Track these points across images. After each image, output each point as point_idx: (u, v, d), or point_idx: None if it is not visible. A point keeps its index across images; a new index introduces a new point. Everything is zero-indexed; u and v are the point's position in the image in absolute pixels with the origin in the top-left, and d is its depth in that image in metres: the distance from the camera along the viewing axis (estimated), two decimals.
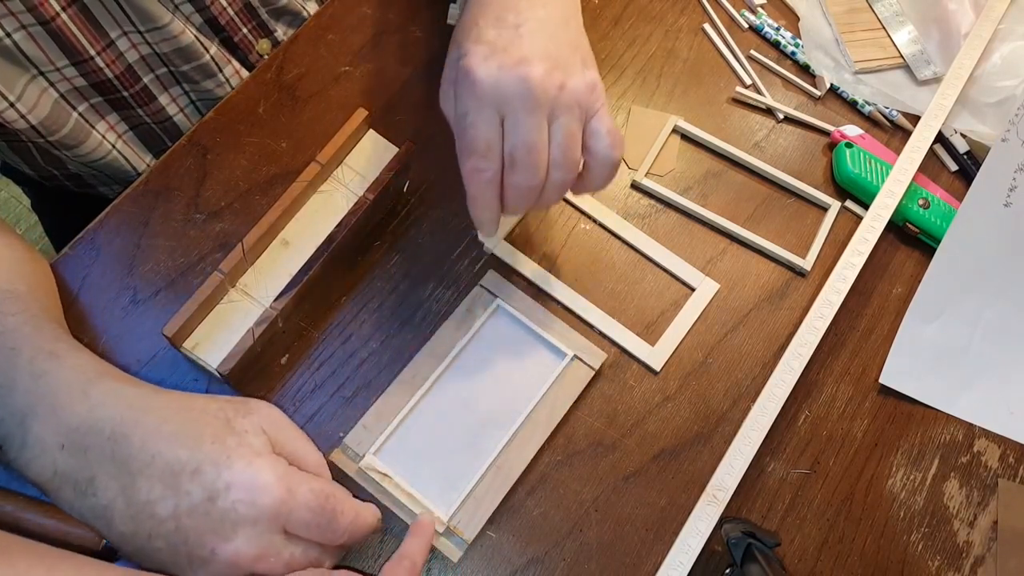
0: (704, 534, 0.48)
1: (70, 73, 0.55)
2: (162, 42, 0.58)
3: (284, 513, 0.38)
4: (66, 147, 0.58)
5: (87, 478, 0.38)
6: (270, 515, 0.38)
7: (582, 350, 0.52)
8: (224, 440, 0.39)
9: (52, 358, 0.41)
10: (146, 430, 0.38)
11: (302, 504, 0.38)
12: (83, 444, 0.38)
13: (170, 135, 0.64)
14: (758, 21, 0.68)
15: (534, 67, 0.43)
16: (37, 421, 0.39)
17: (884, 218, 0.59)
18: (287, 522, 0.38)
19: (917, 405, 0.56)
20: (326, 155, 0.51)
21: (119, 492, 0.37)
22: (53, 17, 0.52)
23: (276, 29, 0.65)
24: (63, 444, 0.38)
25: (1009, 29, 0.69)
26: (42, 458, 0.38)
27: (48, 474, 0.38)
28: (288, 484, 0.38)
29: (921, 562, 0.52)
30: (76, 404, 0.39)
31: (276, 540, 0.38)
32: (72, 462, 0.38)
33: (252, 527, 0.37)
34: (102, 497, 0.38)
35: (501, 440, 0.49)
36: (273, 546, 0.38)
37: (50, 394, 0.39)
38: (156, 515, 0.37)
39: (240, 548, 0.37)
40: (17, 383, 0.39)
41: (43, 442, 0.38)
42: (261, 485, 0.38)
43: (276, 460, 0.39)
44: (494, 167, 0.44)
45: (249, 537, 0.37)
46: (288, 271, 0.50)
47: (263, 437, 0.40)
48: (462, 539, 0.47)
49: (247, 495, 0.37)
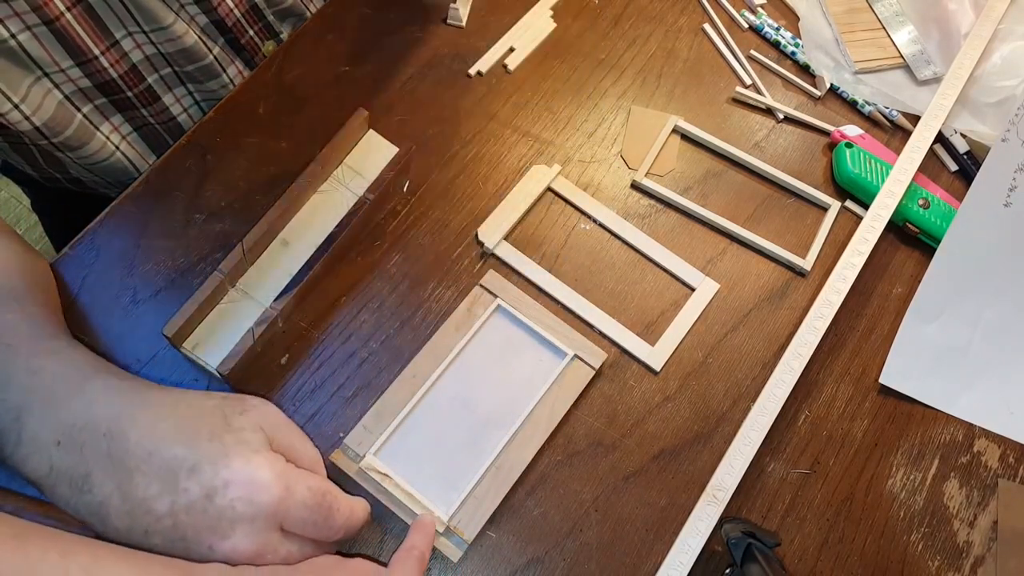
0: (704, 534, 0.48)
1: (74, 74, 0.55)
2: (166, 42, 0.58)
3: (282, 511, 0.38)
4: (70, 148, 0.58)
5: (83, 474, 0.38)
6: (268, 513, 0.38)
7: (582, 350, 0.52)
8: (222, 437, 0.39)
9: (48, 355, 0.41)
10: (142, 427, 0.38)
11: (299, 502, 0.38)
12: (79, 440, 0.38)
13: (174, 136, 0.64)
14: (758, 21, 0.68)
15: None
16: (33, 417, 0.39)
17: (884, 218, 0.59)
18: (284, 520, 0.38)
19: (917, 405, 0.56)
20: (326, 155, 0.51)
21: (115, 489, 0.37)
22: (57, 17, 0.52)
23: (282, 31, 0.65)
24: (59, 440, 0.38)
25: (1009, 29, 0.69)
26: (38, 454, 0.38)
27: (44, 470, 0.38)
28: (286, 482, 0.38)
29: (921, 562, 0.52)
30: (72, 400, 0.39)
31: (273, 537, 0.38)
32: (68, 459, 0.38)
33: (250, 524, 0.37)
34: (98, 494, 0.38)
35: (501, 440, 0.49)
36: (270, 543, 0.38)
37: (46, 390, 0.39)
38: (153, 511, 0.37)
39: (237, 545, 0.37)
40: (12, 379, 0.39)
41: (38, 438, 0.38)
42: (259, 483, 0.38)
43: (274, 457, 0.39)
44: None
45: (246, 534, 0.37)
46: (288, 271, 0.50)
47: (260, 434, 0.40)
48: (462, 539, 0.47)
49: (245, 492, 0.37)
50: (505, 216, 0.56)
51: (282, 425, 0.42)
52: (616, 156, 0.61)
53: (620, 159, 0.61)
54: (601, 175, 0.60)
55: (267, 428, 0.41)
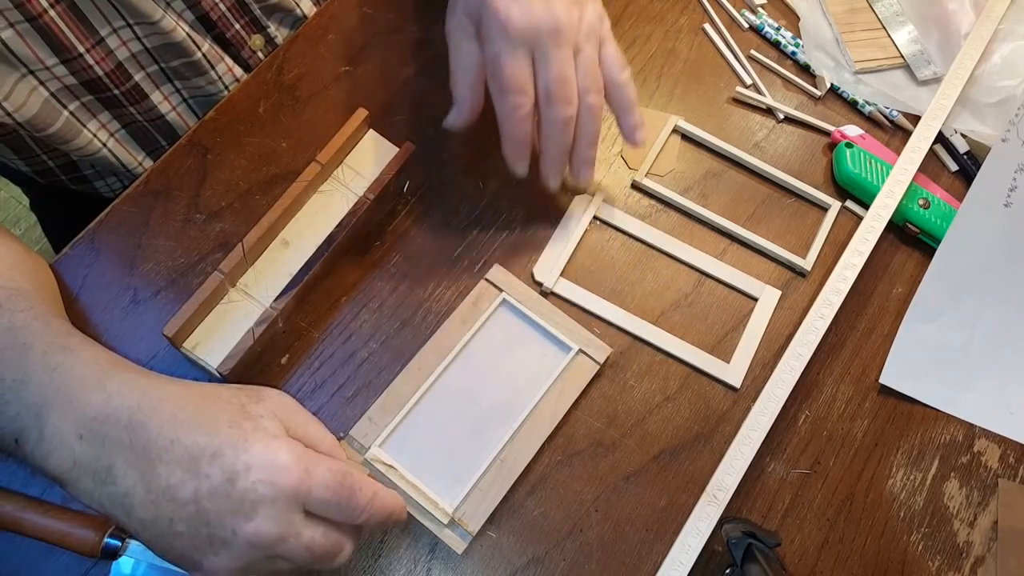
0: (704, 534, 0.48)
1: (60, 72, 0.55)
2: (152, 36, 0.57)
3: (303, 492, 0.38)
4: (56, 143, 0.58)
5: (106, 467, 0.38)
6: (289, 494, 0.38)
7: (587, 344, 0.52)
8: (240, 424, 0.39)
9: (65, 352, 0.41)
10: (163, 417, 0.39)
11: (320, 483, 0.39)
12: (101, 433, 0.38)
13: (163, 133, 0.64)
14: (758, 21, 0.68)
15: (558, 5, 0.48)
16: (54, 413, 0.39)
17: (884, 218, 0.59)
18: (307, 502, 0.39)
19: (917, 405, 0.56)
20: (326, 155, 0.51)
21: (138, 479, 0.38)
22: (41, 14, 0.51)
23: (269, 25, 0.65)
24: (81, 435, 0.39)
25: (1009, 29, 0.69)
26: (60, 450, 0.39)
27: (67, 465, 0.39)
28: (306, 464, 0.39)
29: (921, 562, 0.52)
30: (92, 395, 0.39)
31: (296, 520, 0.38)
32: (91, 452, 0.38)
33: (271, 507, 0.37)
34: (121, 485, 0.38)
35: (506, 433, 0.49)
36: (293, 526, 0.38)
37: (65, 386, 0.40)
38: (177, 499, 0.37)
39: (260, 528, 0.37)
40: (31, 377, 0.40)
41: (61, 433, 0.39)
42: (280, 465, 0.38)
43: (293, 442, 0.40)
44: (530, 102, 0.49)
45: (269, 517, 0.37)
46: (288, 271, 0.50)
47: (277, 421, 0.40)
48: (466, 531, 0.47)
49: (266, 475, 0.37)
50: (556, 253, 0.56)
51: (297, 413, 0.43)
52: (616, 156, 0.61)
53: (620, 159, 0.61)
54: (601, 175, 0.60)
55: (282, 416, 0.41)
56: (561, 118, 0.50)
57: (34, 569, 0.45)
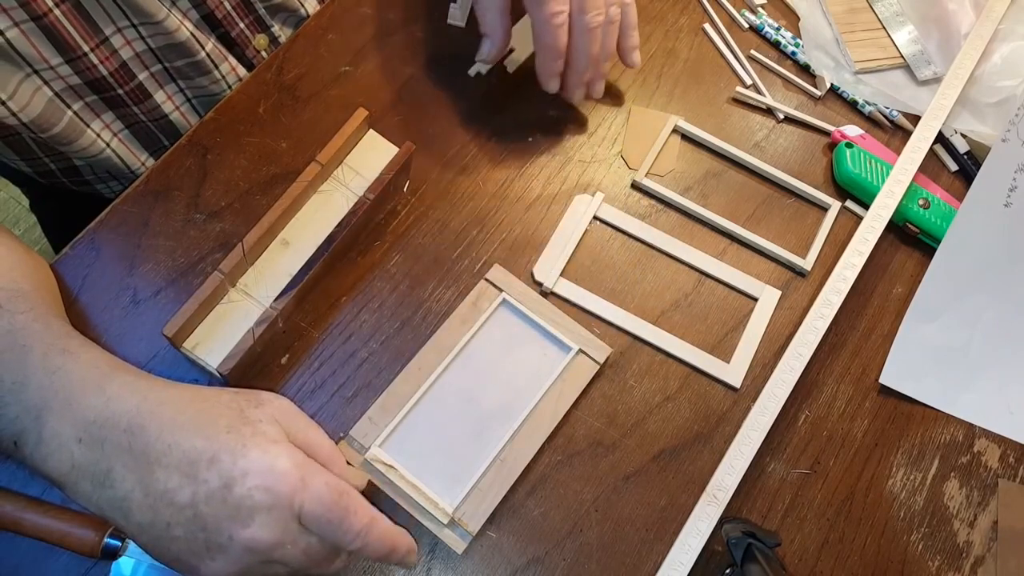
0: (704, 534, 0.48)
1: (64, 71, 0.55)
2: (156, 36, 0.57)
3: (297, 503, 0.38)
4: (60, 144, 0.58)
5: (104, 470, 0.38)
6: (286, 502, 0.38)
7: (587, 344, 0.52)
8: (239, 429, 0.39)
9: (65, 354, 0.41)
10: (162, 421, 0.39)
11: (315, 496, 0.38)
12: (100, 437, 0.38)
13: (166, 133, 0.64)
14: (758, 21, 0.68)
15: None
16: (53, 416, 0.39)
17: (884, 218, 0.59)
18: (300, 513, 0.38)
19: (917, 405, 0.56)
20: (326, 155, 0.51)
21: (136, 483, 0.38)
22: (46, 12, 0.51)
23: (273, 24, 0.65)
24: (80, 438, 0.39)
25: (1009, 29, 0.69)
26: (59, 452, 0.39)
27: (66, 468, 0.39)
28: (303, 473, 0.38)
29: (921, 562, 0.52)
30: (91, 398, 0.39)
31: (293, 527, 0.38)
32: (89, 455, 0.38)
33: (268, 513, 0.37)
34: (119, 488, 0.38)
35: (506, 433, 0.49)
36: (290, 533, 0.38)
37: (65, 389, 0.40)
38: (174, 503, 0.37)
39: (256, 534, 0.37)
40: (30, 379, 0.40)
41: (60, 436, 0.39)
42: (277, 471, 0.38)
43: (292, 448, 0.39)
44: (567, 10, 0.53)
45: (266, 523, 0.37)
46: (288, 271, 0.50)
47: (277, 426, 0.40)
48: (466, 531, 0.47)
49: (263, 481, 0.37)
50: (556, 253, 0.56)
51: (297, 418, 0.42)
52: (616, 156, 0.61)
53: (620, 159, 0.61)
54: (601, 175, 0.60)
55: (282, 421, 0.41)
56: (594, 25, 0.54)
57: (34, 569, 0.45)
